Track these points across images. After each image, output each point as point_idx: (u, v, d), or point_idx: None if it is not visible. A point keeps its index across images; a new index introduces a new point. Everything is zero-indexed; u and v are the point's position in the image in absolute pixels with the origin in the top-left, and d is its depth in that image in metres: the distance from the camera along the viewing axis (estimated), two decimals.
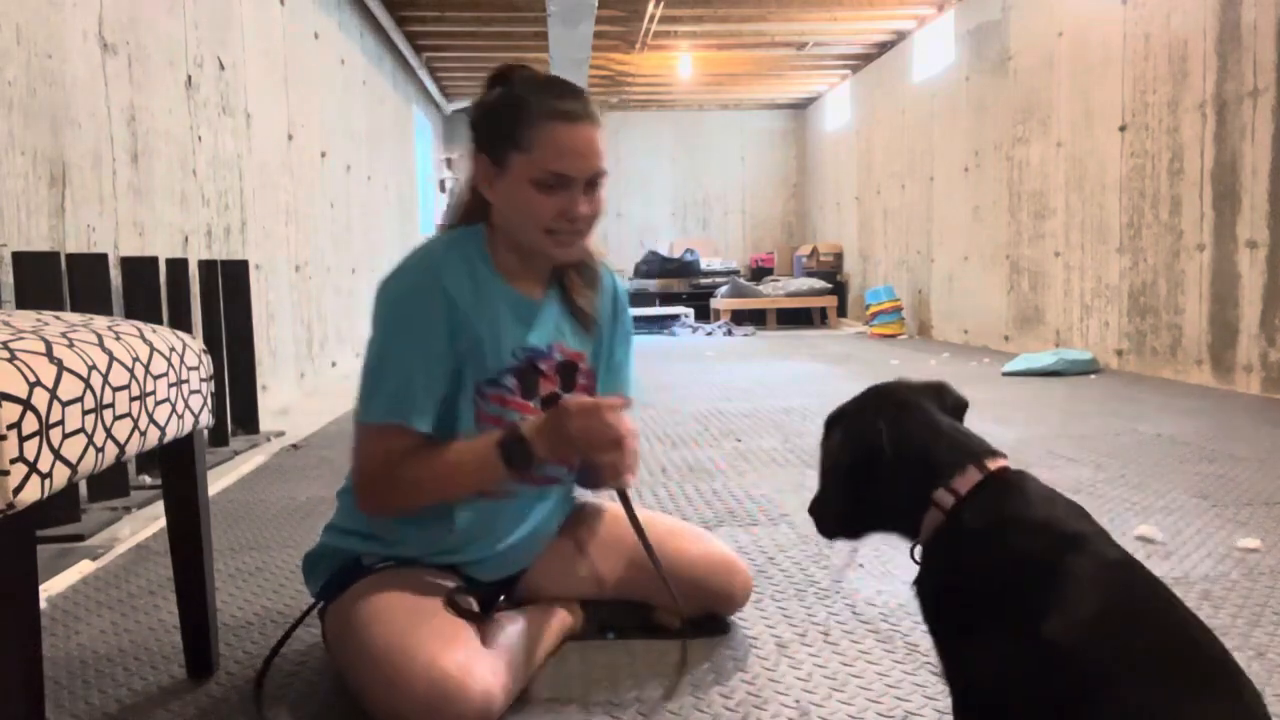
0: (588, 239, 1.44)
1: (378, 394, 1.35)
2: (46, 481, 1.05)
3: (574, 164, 1.34)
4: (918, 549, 1.06)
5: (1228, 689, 0.85)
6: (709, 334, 9.15)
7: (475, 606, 1.39)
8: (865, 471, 1.06)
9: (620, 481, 1.42)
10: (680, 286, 10.91)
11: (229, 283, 3.66)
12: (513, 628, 1.42)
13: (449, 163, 11.48)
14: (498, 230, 1.44)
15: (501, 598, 1.50)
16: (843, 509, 1.12)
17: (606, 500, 1.66)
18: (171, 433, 1.35)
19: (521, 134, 1.34)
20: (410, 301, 1.35)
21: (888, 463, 1.04)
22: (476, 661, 1.26)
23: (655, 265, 11.07)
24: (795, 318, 10.19)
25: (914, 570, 1.06)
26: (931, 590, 1.02)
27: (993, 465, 1.02)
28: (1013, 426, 3.64)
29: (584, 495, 1.70)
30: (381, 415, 1.34)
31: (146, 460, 2.96)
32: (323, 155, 5.66)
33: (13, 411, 1.00)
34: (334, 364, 5.79)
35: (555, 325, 1.49)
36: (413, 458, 1.35)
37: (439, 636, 1.27)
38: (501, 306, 1.41)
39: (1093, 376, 5.18)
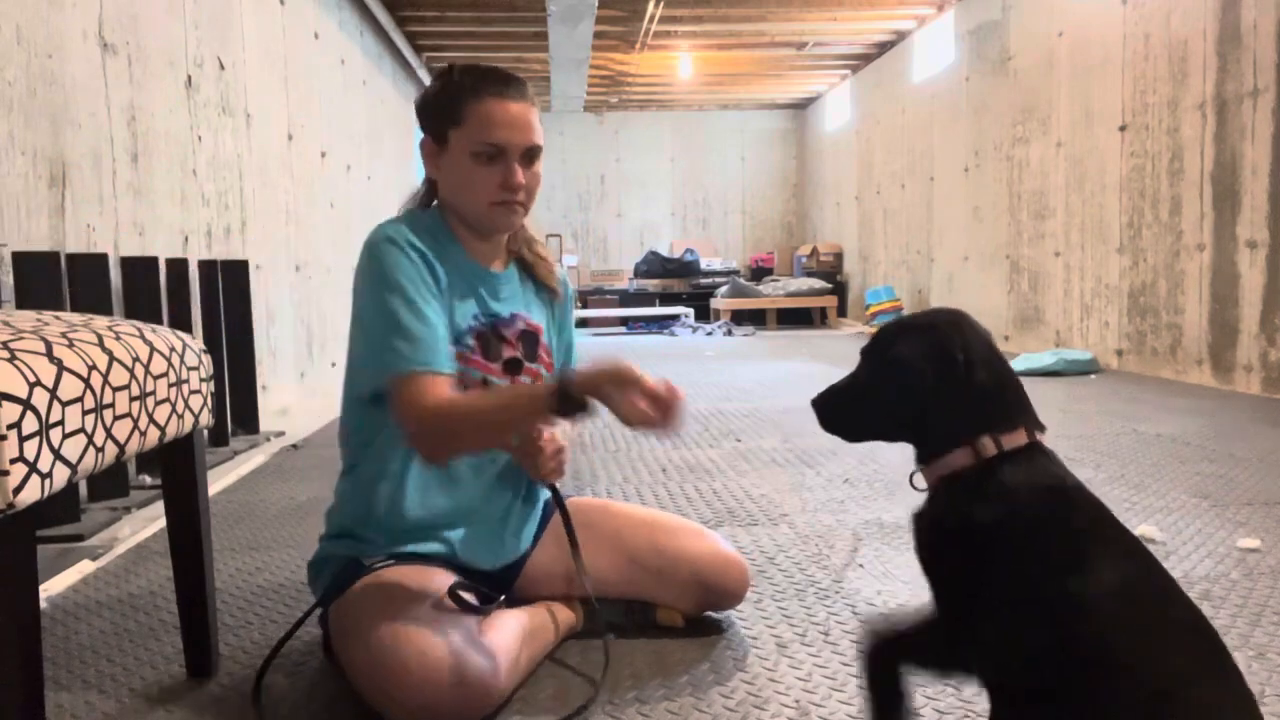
0: (528, 211, 1.51)
1: (405, 346, 1.35)
2: (46, 481, 1.05)
3: (507, 134, 1.42)
4: (919, 477, 1.06)
5: (1234, 669, 0.89)
6: (709, 334, 9.15)
7: (475, 602, 1.39)
8: (928, 385, 1.02)
9: (551, 477, 1.50)
10: (680, 286, 10.92)
11: (229, 283, 3.66)
12: (512, 623, 1.42)
13: None
14: (448, 209, 1.52)
15: (501, 597, 1.51)
16: (871, 403, 1.10)
17: (606, 499, 1.66)
18: (171, 433, 1.35)
19: (457, 111, 1.43)
20: (388, 261, 1.39)
21: (951, 386, 1.01)
22: (473, 650, 1.27)
23: (655, 265, 11.08)
24: (795, 318, 10.19)
25: (914, 570, 1.06)
26: (942, 529, 1.02)
27: (1039, 436, 1.03)
28: None
29: (582, 493, 1.70)
30: (418, 364, 1.34)
31: (146, 460, 2.96)
32: (323, 155, 5.66)
33: (13, 411, 1.00)
34: (334, 364, 5.79)
35: (519, 296, 1.57)
36: (448, 403, 1.34)
37: (435, 626, 1.28)
38: (464, 271, 1.49)
39: (1093, 376, 5.18)
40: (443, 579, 1.40)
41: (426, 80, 9.50)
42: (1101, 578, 0.91)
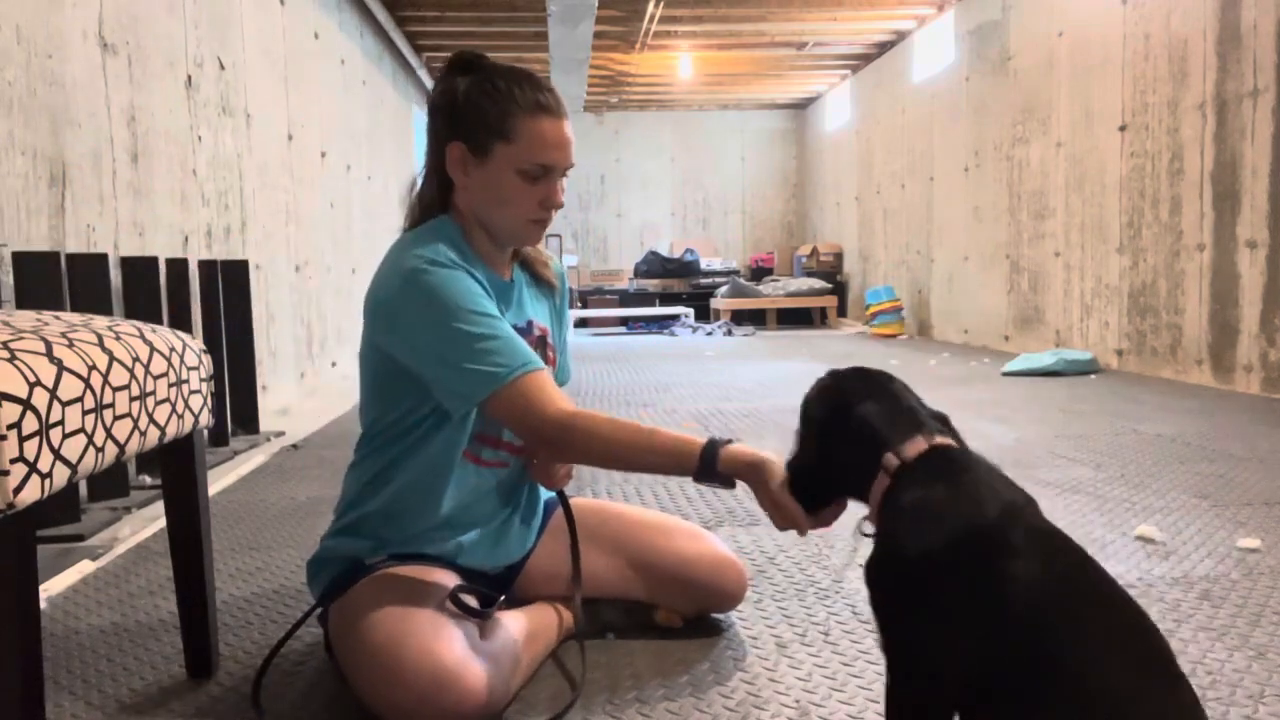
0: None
1: (498, 357, 1.32)
2: (46, 481, 1.05)
3: (558, 156, 1.42)
4: (866, 524, 1.10)
5: (1174, 672, 0.86)
6: (709, 334, 9.15)
7: (476, 605, 1.39)
8: (834, 430, 1.14)
9: (561, 484, 1.52)
10: (680, 286, 10.92)
11: (229, 283, 3.66)
12: (513, 625, 1.42)
13: None
14: (466, 217, 1.46)
15: (502, 597, 1.51)
16: (812, 467, 1.20)
17: (605, 500, 1.66)
18: (171, 433, 1.35)
19: (507, 124, 1.38)
20: (452, 280, 1.34)
21: (852, 422, 1.10)
22: (474, 655, 1.27)
23: (655, 265, 11.08)
24: (795, 318, 10.19)
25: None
26: (876, 564, 1.03)
27: (940, 441, 1.06)
28: (1013, 426, 3.64)
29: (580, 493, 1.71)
30: (520, 368, 1.32)
31: (146, 460, 2.96)
32: (323, 155, 5.66)
33: (13, 411, 1.00)
34: (334, 364, 5.79)
35: (530, 301, 1.56)
36: (599, 416, 1.34)
37: (437, 629, 1.27)
38: (488, 285, 1.44)
39: (1093, 376, 5.18)
40: (444, 580, 1.40)
41: (426, 80, 9.50)
42: (1022, 587, 0.89)
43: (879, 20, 8.35)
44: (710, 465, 1.30)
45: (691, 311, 10.21)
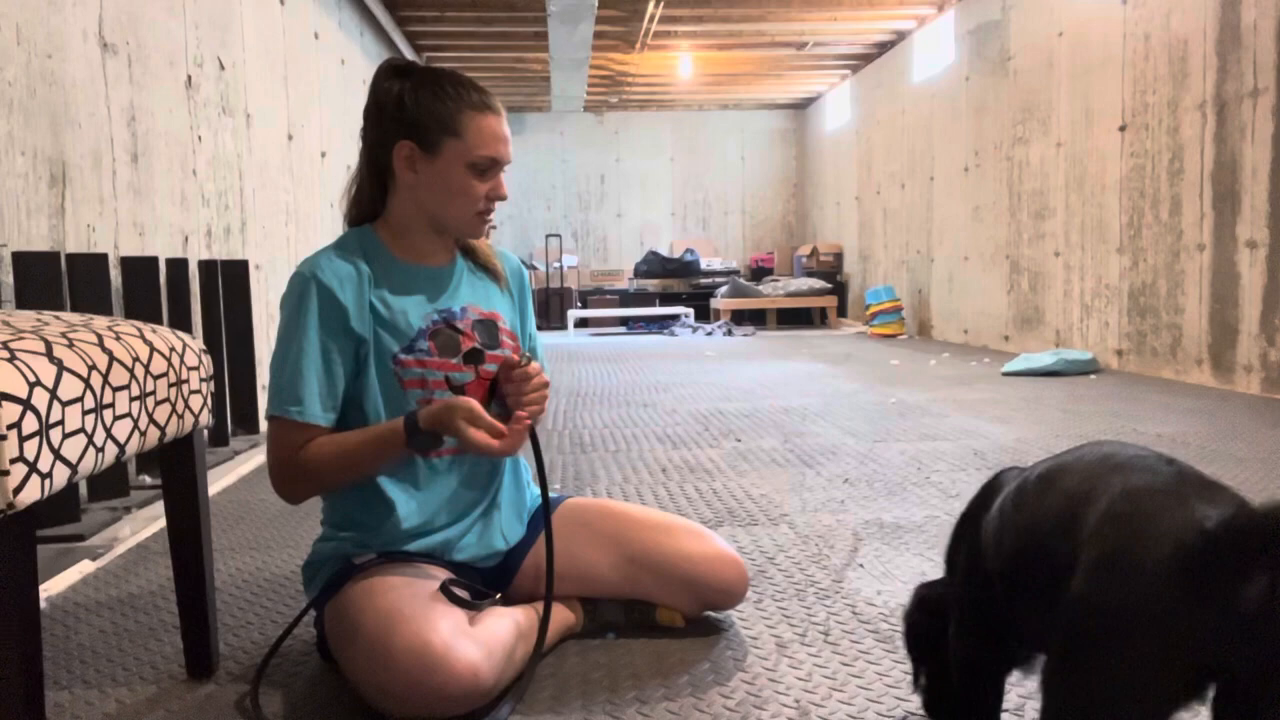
0: None
1: (275, 390, 1.43)
2: (46, 481, 1.05)
3: (503, 150, 1.50)
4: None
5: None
6: (709, 334, 9.15)
7: (467, 596, 1.40)
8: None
9: (530, 408, 1.49)
10: (680, 286, 10.91)
11: (229, 283, 3.66)
12: (505, 618, 1.42)
13: None
14: (401, 218, 1.53)
15: (497, 595, 1.51)
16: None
17: (606, 499, 1.66)
18: (171, 433, 1.35)
19: (456, 122, 1.46)
20: (293, 303, 1.45)
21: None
22: (461, 638, 1.28)
23: (655, 265, 11.07)
24: (795, 318, 10.19)
25: (914, 570, 1.08)
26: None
27: None
28: (1013, 426, 3.64)
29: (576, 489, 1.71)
30: (278, 409, 1.42)
31: (146, 460, 2.96)
32: (323, 155, 5.66)
33: (13, 411, 1.00)
34: None
35: (467, 289, 1.59)
36: (315, 446, 1.42)
37: (426, 615, 1.29)
38: (403, 280, 1.51)
39: (1093, 376, 5.18)
40: (434, 575, 1.41)
41: None
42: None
43: (879, 20, 8.35)
44: (414, 426, 1.39)
45: (691, 311, 10.20)
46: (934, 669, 1.18)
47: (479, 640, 1.31)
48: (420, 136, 1.47)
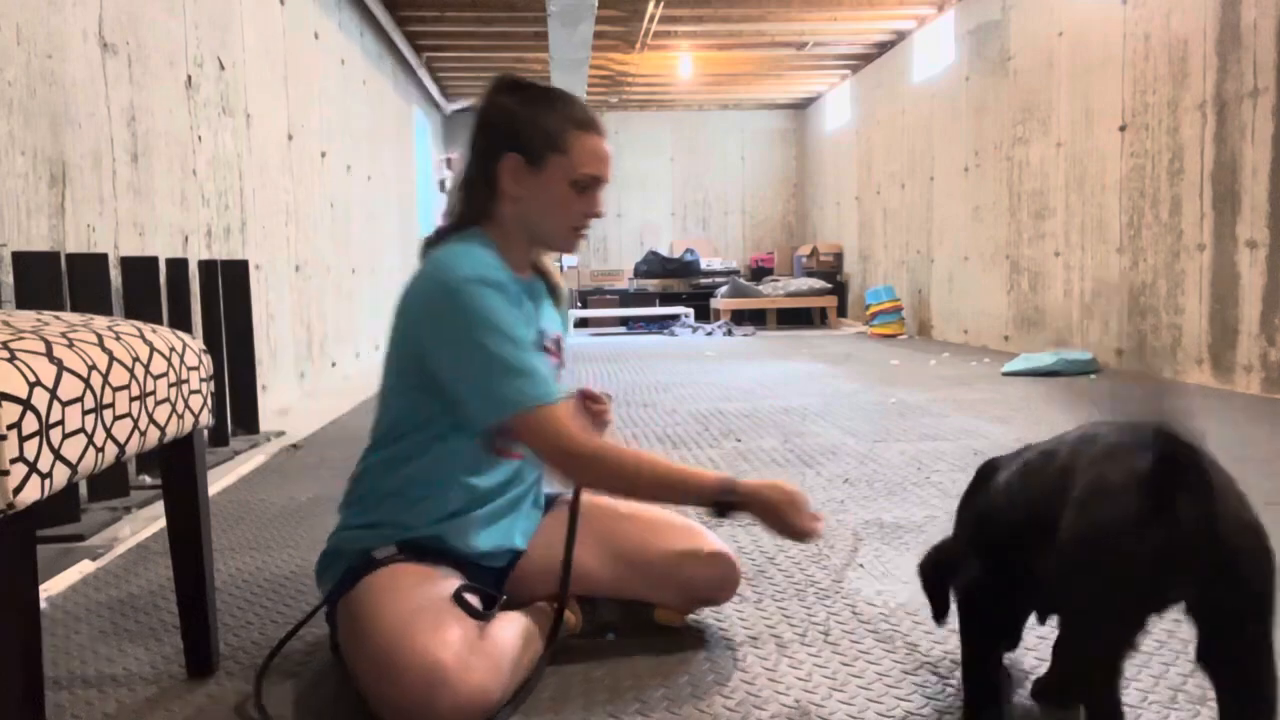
0: None
1: (523, 383, 1.40)
2: (46, 481, 1.05)
3: (605, 169, 1.54)
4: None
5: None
6: (709, 334, 9.15)
7: (479, 605, 1.40)
8: None
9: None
10: (680, 286, 10.91)
11: (229, 283, 3.66)
12: (511, 627, 1.42)
13: (449, 163, 11.49)
14: (504, 226, 1.54)
15: (504, 596, 1.51)
16: None
17: (605, 499, 1.66)
18: (171, 433, 1.35)
19: (562, 139, 1.50)
20: (494, 300, 1.42)
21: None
22: (473, 654, 1.28)
23: (655, 265, 11.08)
24: (795, 318, 10.19)
25: (914, 570, 1.11)
26: None
27: None
28: (1013, 426, 3.64)
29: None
30: (538, 398, 1.40)
31: (146, 460, 2.96)
32: (323, 155, 5.66)
33: (13, 411, 1.00)
34: (334, 364, 5.79)
35: (546, 305, 1.63)
36: (622, 450, 1.45)
37: (437, 628, 1.28)
38: (514, 291, 1.51)
39: (1093, 376, 5.18)
40: (448, 580, 1.41)
41: (427, 80, 9.51)
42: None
43: (879, 20, 8.35)
44: (731, 490, 1.41)
45: (691, 311, 10.20)
46: (943, 606, 1.39)
47: (488, 656, 1.31)
48: (527, 150, 1.50)
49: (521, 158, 1.50)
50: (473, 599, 1.39)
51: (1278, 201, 4.20)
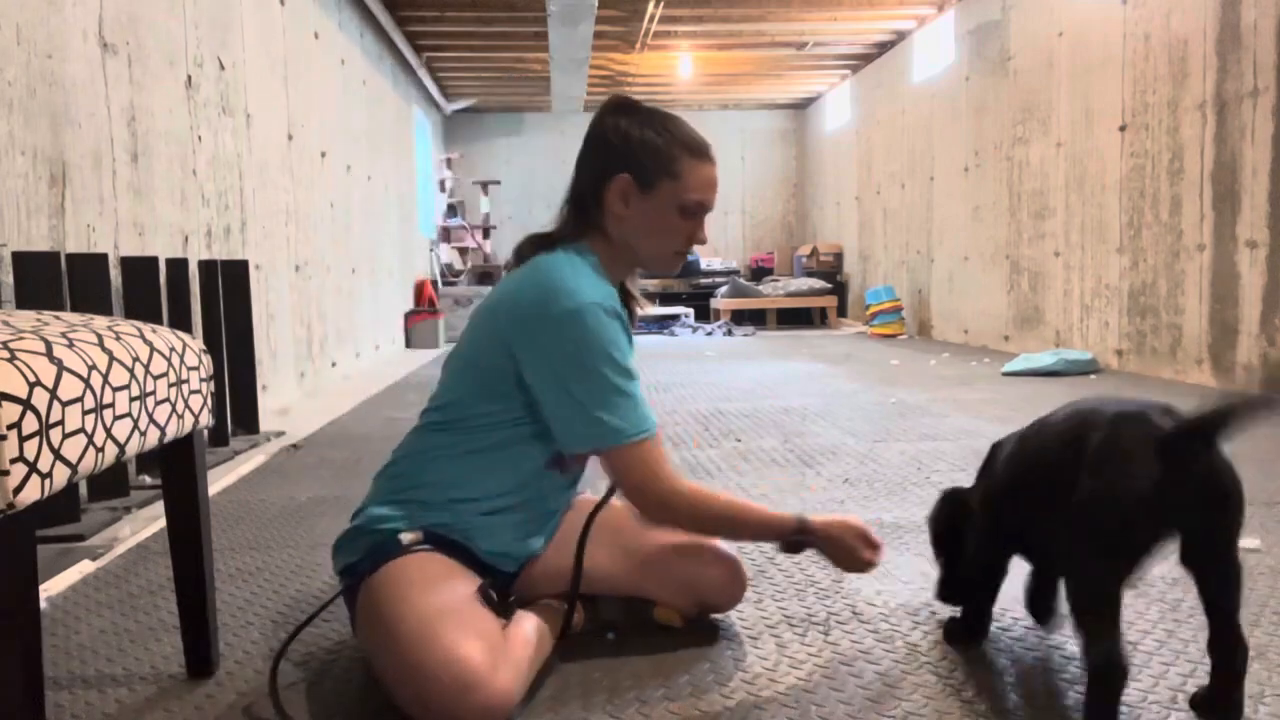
0: None
1: (622, 419, 1.43)
2: (46, 481, 1.05)
3: (713, 196, 1.57)
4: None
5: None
6: (709, 334, 9.15)
7: (497, 602, 1.41)
8: None
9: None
10: (680, 286, 10.91)
11: (229, 283, 3.66)
12: (528, 627, 1.43)
13: (449, 163, 11.48)
14: (610, 244, 1.57)
15: (512, 597, 1.51)
16: None
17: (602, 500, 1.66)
18: (171, 433, 1.35)
19: (676, 165, 1.53)
20: (602, 328, 1.44)
21: None
22: (500, 657, 1.29)
23: None
24: (795, 318, 10.18)
25: (914, 570, 1.13)
26: None
27: None
28: (1013, 426, 3.62)
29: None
30: (644, 430, 1.45)
31: (146, 460, 2.96)
32: (323, 155, 5.66)
33: (13, 411, 1.00)
34: (334, 364, 5.79)
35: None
36: (700, 490, 1.49)
37: (467, 627, 1.29)
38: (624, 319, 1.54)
39: (1093, 376, 5.18)
40: (469, 578, 1.42)
41: (427, 80, 9.51)
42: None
43: (879, 20, 8.35)
44: (805, 528, 1.51)
45: (691, 311, 10.20)
46: (950, 558, 1.60)
47: (511, 656, 1.32)
48: (639, 172, 1.52)
49: (633, 179, 1.52)
50: (495, 596, 1.41)
51: (1278, 201, 4.20)
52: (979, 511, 1.53)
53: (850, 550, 1.53)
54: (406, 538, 1.44)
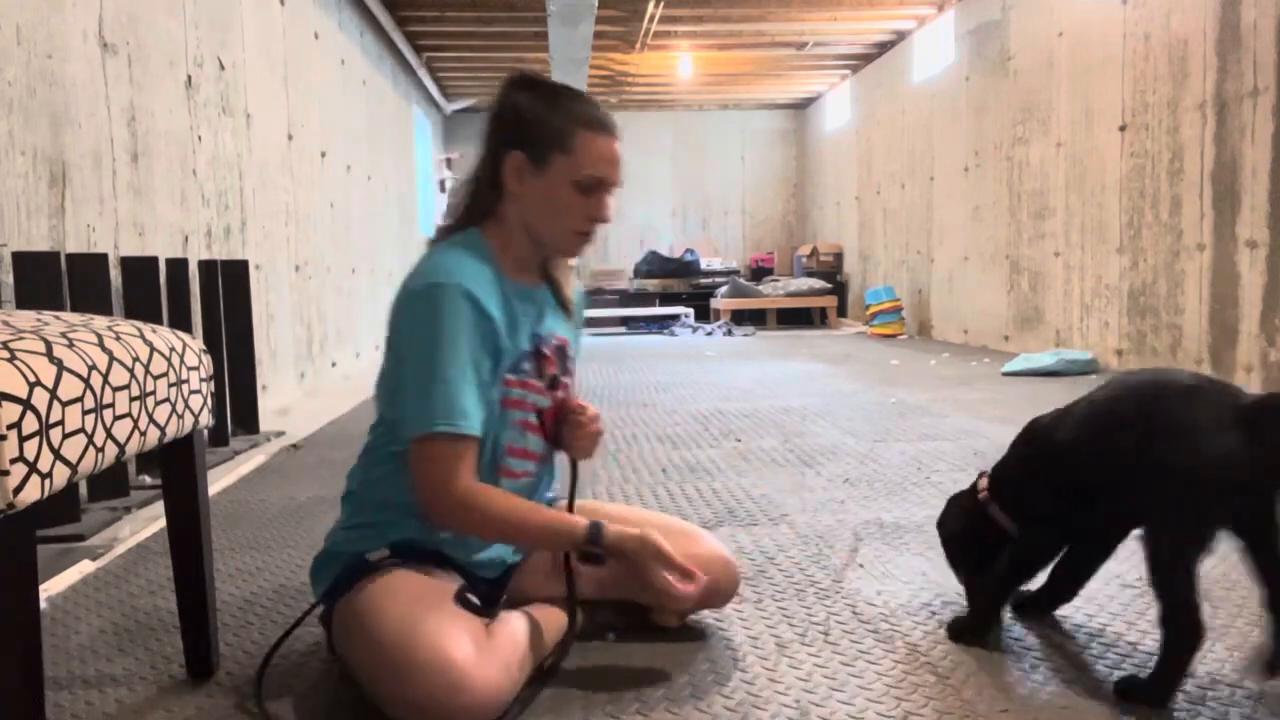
0: None
1: (425, 407, 1.36)
2: (46, 481, 1.05)
3: (611, 171, 1.48)
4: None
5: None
6: (709, 334, 9.15)
7: (479, 604, 1.40)
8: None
9: (582, 455, 1.63)
10: (680, 286, 10.91)
11: (229, 283, 3.66)
12: (518, 625, 1.42)
13: (449, 163, 11.48)
14: (506, 226, 1.51)
15: (504, 598, 1.51)
16: None
17: (597, 501, 1.67)
18: (171, 433, 1.35)
19: (569, 139, 1.44)
20: (437, 313, 1.37)
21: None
22: (485, 655, 1.28)
23: (655, 265, 11.07)
24: (795, 318, 10.18)
25: (914, 570, 1.12)
26: None
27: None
28: (1013, 426, 3.63)
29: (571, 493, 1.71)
30: (439, 424, 1.36)
31: (146, 460, 2.96)
32: (323, 155, 5.66)
33: (13, 411, 1.00)
34: (334, 364, 5.79)
35: (551, 313, 1.59)
36: (484, 489, 1.40)
37: (449, 628, 1.28)
38: (513, 298, 1.48)
39: (1093, 376, 5.18)
40: (447, 583, 1.40)
41: (427, 80, 9.50)
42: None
43: (879, 20, 8.35)
44: (597, 539, 1.41)
45: (691, 311, 10.20)
46: (971, 569, 1.64)
47: (500, 657, 1.31)
48: (531, 149, 1.46)
49: (525, 156, 1.46)
50: (474, 598, 1.39)
51: (1278, 201, 4.20)
52: (1029, 483, 1.56)
53: (642, 571, 1.42)
54: (374, 556, 1.43)
